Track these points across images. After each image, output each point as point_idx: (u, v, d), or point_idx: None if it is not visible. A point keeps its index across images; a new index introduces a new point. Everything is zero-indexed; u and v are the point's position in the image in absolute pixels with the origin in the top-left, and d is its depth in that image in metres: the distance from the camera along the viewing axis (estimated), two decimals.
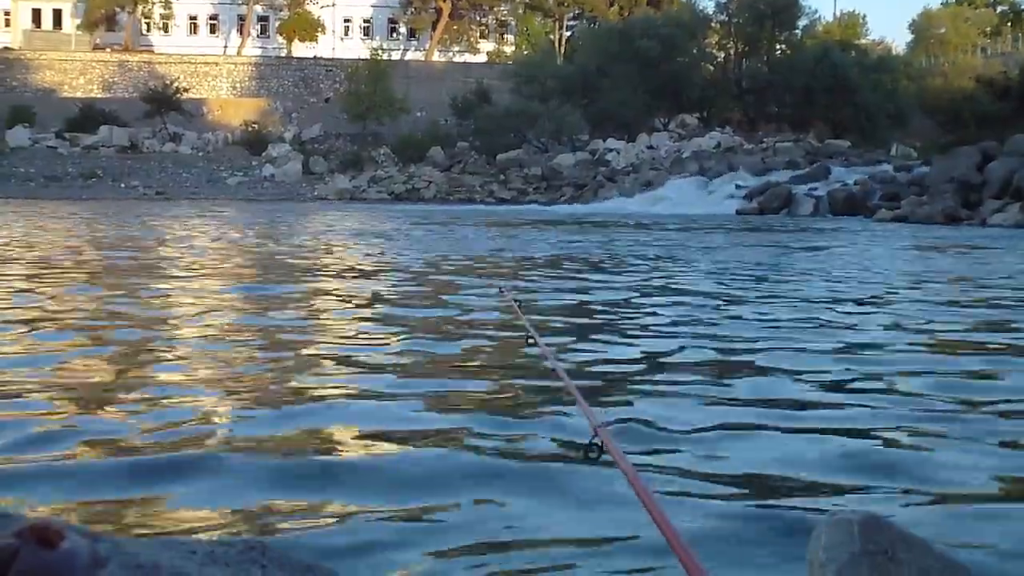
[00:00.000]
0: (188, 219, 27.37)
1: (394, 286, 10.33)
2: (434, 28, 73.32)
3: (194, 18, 74.24)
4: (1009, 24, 72.32)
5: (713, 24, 65.44)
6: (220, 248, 16.48)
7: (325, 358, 5.81)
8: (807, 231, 24.98)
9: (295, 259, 13.95)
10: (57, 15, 71.78)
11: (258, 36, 73.91)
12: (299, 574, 1.64)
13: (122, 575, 1.31)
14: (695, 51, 61.92)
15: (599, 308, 8.51)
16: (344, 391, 4.86)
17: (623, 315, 8.10)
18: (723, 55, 65.83)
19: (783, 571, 2.69)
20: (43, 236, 18.40)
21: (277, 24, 72.42)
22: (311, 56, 69.42)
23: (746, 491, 3.39)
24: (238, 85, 66.86)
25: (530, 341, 3.85)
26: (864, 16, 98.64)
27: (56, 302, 8.52)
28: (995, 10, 75.05)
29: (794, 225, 28.43)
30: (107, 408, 4.46)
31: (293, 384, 5.04)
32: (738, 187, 39.32)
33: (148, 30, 73.08)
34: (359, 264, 13.35)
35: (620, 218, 31.04)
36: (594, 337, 6.79)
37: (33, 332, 6.63)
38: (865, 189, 36.28)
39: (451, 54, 73.90)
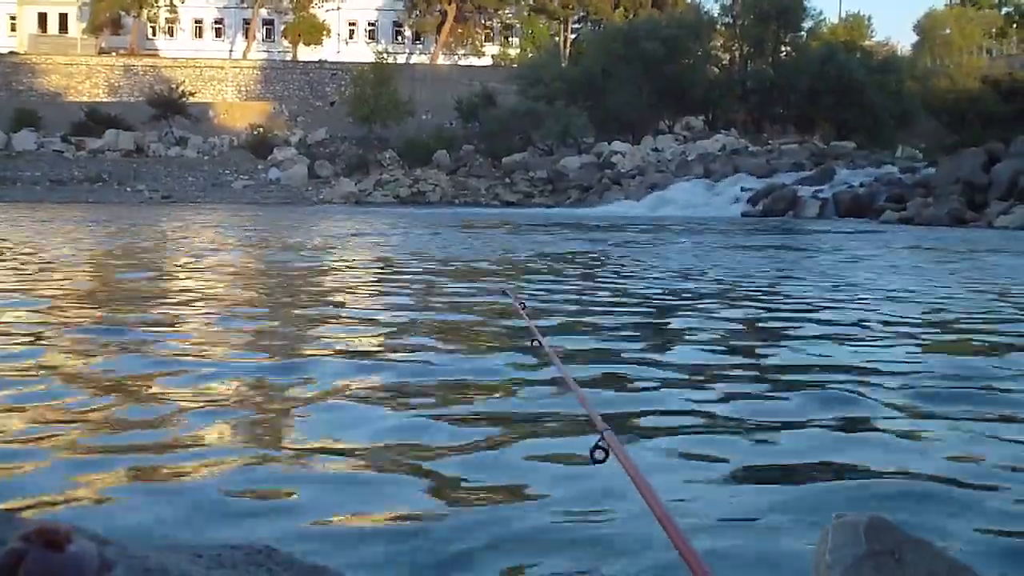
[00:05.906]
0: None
1: (401, 289, 10.33)
2: (439, 31, 73.36)
3: (199, 22, 74.40)
4: (1014, 25, 72.15)
5: (718, 26, 65.37)
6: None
7: (327, 358, 5.82)
8: (814, 234, 24.94)
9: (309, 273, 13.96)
10: (62, 19, 71.99)
11: (263, 40, 74.05)
12: None
13: None
14: (700, 53, 61.81)
15: (605, 310, 8.50)
16: (347, 393, 4.87)
17: (630, 317, 8.09)
18: (728, 57, 65.73)
19: (789, 572, 2.69)
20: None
21: (282, 28, 72.57)
22: (316, 60, 69.47)
23: (752, 492, 3.39)
24: (243, 89, 66.94)
25: (535, 343, 3.84)
26: (869, 17, 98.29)
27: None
28: (1000, 11, 74.88)
29: (800, 227, 28.39)
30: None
31: (301, 389, 5.04)
32: (743, 189, 39.27)
33: (153, 34, 73.23)
34: (365, 266, 13.36)
35: (626, 221, 31.01)
36: (600, 339, 6.78)
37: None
38: (871, 191, 36.20)
39: (456, 57, 73.91)
